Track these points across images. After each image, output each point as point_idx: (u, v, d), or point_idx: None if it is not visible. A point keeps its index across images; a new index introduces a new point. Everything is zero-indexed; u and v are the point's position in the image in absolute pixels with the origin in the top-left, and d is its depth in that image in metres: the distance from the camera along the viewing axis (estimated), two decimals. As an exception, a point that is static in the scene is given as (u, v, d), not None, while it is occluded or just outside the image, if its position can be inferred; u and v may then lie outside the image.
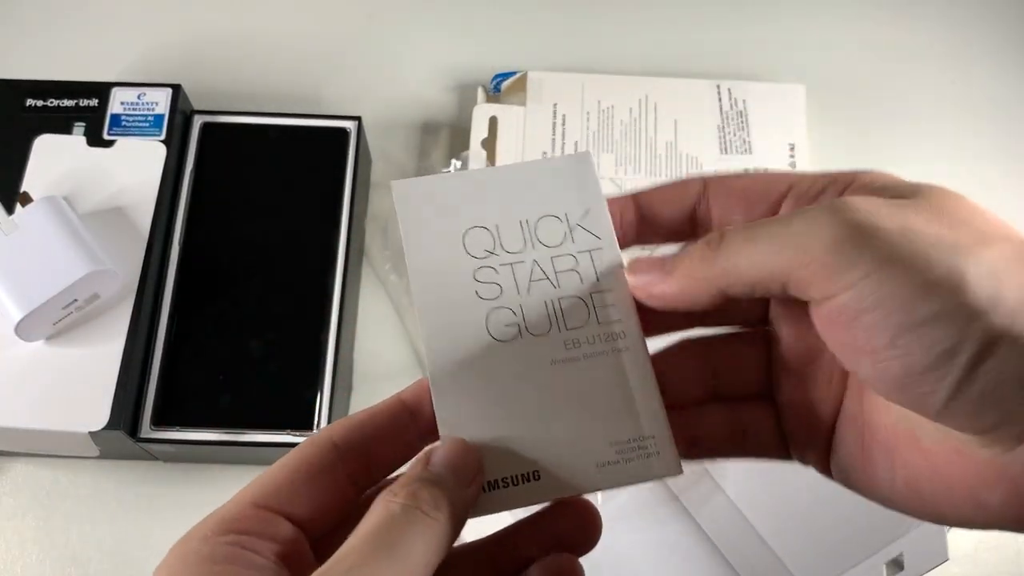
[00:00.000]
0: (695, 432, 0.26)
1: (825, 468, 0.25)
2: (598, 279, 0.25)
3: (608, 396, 0.24)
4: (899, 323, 0.19)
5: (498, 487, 0.23)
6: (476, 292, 0.25)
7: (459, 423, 0.23)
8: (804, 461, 0.25)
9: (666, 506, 0.47)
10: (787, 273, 0.21)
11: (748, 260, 0.21)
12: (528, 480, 0.23)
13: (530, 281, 0.25)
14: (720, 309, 0.24)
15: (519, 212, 0.26)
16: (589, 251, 0.25)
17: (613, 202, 0.26)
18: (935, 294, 0.19)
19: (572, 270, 0.25)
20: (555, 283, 0.25)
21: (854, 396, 0.24)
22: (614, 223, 0.26)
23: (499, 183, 0.26)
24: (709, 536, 0.46)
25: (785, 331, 0.25)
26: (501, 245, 0.25)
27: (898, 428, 0.22)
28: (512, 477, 0.23)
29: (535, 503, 0.23)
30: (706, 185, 0.25)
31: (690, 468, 0.47)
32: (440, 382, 0.23)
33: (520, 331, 0.24)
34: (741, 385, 0.26)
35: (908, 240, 0.19)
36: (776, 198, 0.24)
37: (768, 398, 0.26)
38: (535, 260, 0.25)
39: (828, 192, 0.23)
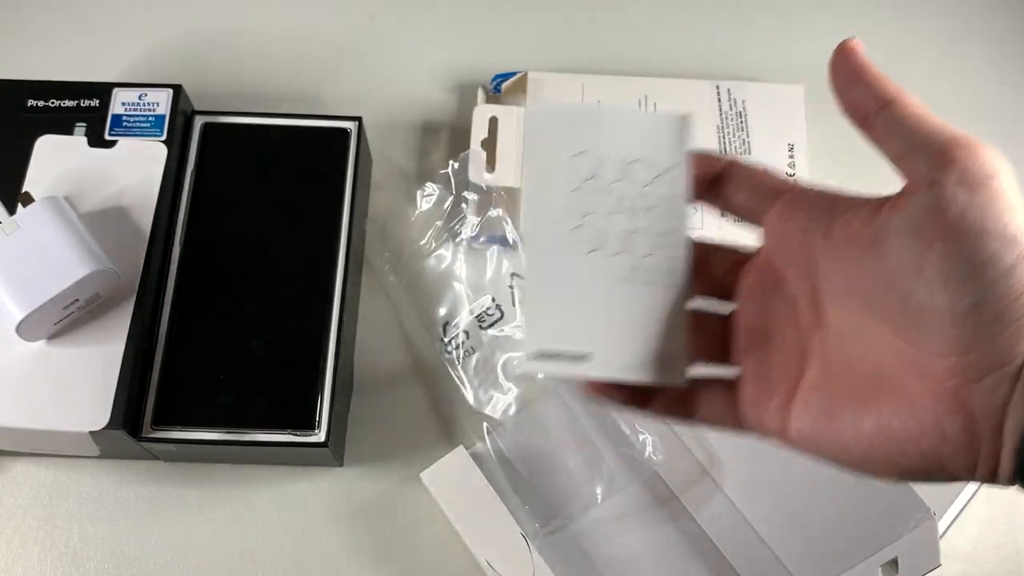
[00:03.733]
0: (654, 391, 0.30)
1: (783, 435, 0.27)
2: (665, 225, 0.30)
3: (651, 316, 0.29)
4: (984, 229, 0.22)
5: (553, 357, 0.29)
6: (571, 208, 0.30)
7: (543, 299, 0.29)
8: (760, 429, 0.28)
9: (666, 506, 0.47)
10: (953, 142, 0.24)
11: (925, 124, 0.26)
12: (578, 360, 0.29)
13: (615, 211, 0.30)
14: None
15: (621, 150, 0.30)
16: (665, 199, 0.30)
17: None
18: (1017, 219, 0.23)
19: (648, 211, 0.30)
20: (632, 218, 0.30)
21: (818, 365, 0.27)
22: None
23: (614, 121, 0.30)
24: (709, 536, 0.46)
25: (752, 305, 0.29)
26: (600, 174, 0.30)
27: (871, 378, 0.25)
28: (566, 353, 0.29)
29: (576, 378, 0.29)
30: (731, 164, 0.29)
31: (689, 468, 0.48)
32: (533, 269, 0.29)
33: (597, 248, 0.30)
34: (696, 355, 0.30)
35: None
36: (777, 195, 0.28)
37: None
38: (623, 195, 0.30)
39: (822, 200, 0.27)
